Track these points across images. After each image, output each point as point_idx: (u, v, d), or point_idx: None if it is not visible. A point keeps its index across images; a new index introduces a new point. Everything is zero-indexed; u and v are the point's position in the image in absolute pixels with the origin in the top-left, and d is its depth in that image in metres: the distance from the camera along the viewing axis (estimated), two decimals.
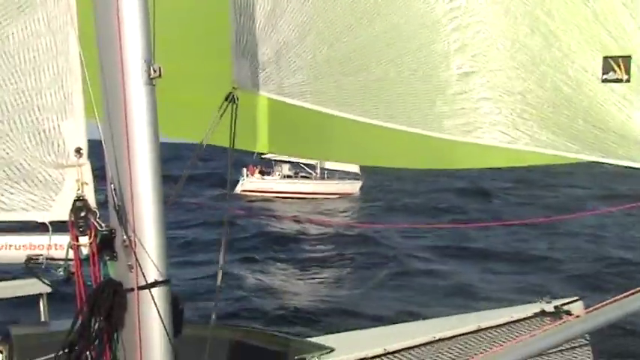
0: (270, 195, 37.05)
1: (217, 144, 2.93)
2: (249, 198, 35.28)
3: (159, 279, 2.38)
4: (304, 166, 39.37)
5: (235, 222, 21.88)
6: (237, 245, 18.50)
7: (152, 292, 2.36)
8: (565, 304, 4.72)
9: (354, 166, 37.22)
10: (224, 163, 2.94)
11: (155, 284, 2.37)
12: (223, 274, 3.06)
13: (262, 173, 38.79)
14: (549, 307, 4.72)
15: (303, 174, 39.86)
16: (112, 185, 2.34)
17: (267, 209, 33.22)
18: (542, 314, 4.67)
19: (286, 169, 39.35)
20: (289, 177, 39.46)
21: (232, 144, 2.79)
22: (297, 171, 39.74)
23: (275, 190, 37.76)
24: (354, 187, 39.57)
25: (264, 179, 38.62)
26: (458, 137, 2.76)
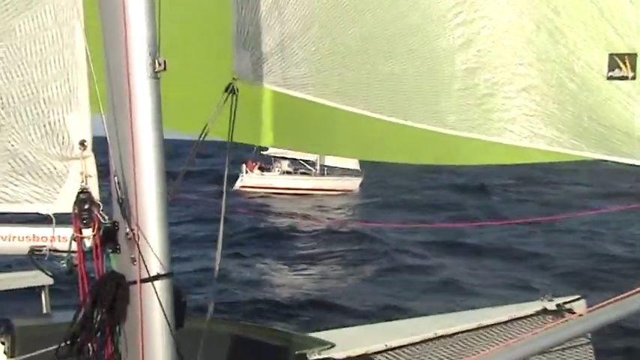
0: (269, 191, 37.01)
1: (219, 137, 2.92)
2: (248, 194, 35.23)
3: (161, 272, 2.38)
4: (304, 163, 39.28)
5: (230, 218, 21.77)
6: (229, 240, 18.45)
7: (154, 285, 2.36)
8: (567, 303, 4.72)
9: (354, 163, 37.13)
10: (224, 160, 2.92)
11: (157, 277, 2.37)
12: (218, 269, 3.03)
13: (262, 169, 38.70)
14: (551, 305, 4.72)
15: (302, 170, 39.78)
16: (116, 178, 2.34)
17: (265, 205, 33.15)
18: (544, 312, 4.68)
19: (286, 166, 39.21)
20: (289, 173, 39.34)
21: (231, 136, 2.76)
22: (296, 167, 39.65)
23: (274, 187, 37.66)
24: (354, 184, 39.38)
25: (263, 175, 38.52)
26: (462, 133, 2.75)
